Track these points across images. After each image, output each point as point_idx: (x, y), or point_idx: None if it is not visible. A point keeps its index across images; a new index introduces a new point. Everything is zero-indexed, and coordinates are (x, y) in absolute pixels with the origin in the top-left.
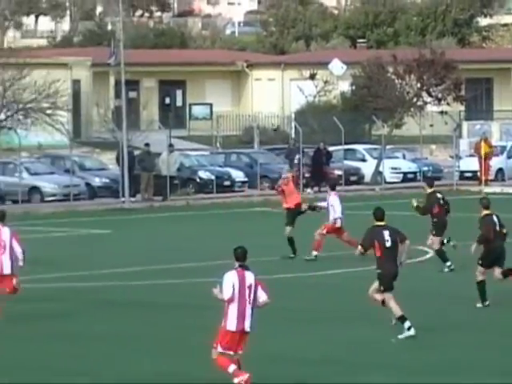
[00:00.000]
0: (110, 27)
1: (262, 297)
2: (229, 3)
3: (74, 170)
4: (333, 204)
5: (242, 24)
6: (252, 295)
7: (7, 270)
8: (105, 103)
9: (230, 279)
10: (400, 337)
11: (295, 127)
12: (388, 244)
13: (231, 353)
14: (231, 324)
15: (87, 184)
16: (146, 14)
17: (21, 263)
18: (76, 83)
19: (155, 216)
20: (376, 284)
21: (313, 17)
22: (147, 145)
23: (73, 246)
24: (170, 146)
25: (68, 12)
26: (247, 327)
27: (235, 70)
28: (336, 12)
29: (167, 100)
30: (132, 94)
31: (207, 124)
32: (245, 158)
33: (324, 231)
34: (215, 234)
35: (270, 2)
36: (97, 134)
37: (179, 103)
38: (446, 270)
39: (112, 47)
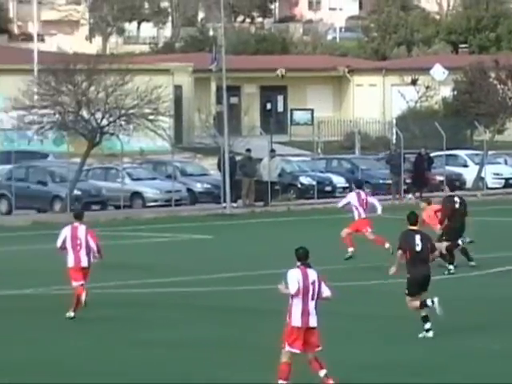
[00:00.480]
0: (211, 33)
1: (326, 292)
2: (330, 8)
3: (176, 176)
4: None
5: (343, 29)
6: (316, 291)
7: (84, 264)
8: (206, 109)
9: (295, 275)
10: (420, 336)
11: (396, 133)
12: (418, 248)
13: (297, 351)
14: (296, 320)
15: (189, 189)
16: (248, 20)
17: (96, 255)
18: (178, 89)
19: (256, 221)
20: (409, 299)
21: (414, 22)
22: (248, 150)
23: (174, 252)
24: (272, 151)
25: (170, 18)
26: (312, 323)
27: (336, 75)
28: (438, 17)
29: (268, 106)
30: (233, 100)
31: (308, 129)
32: (346, 163)
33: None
34: (316, 239)
35: (371, 7)
36: (198, 140)
37: (280, 109)
38: (446, 272)
39: (214, 53)
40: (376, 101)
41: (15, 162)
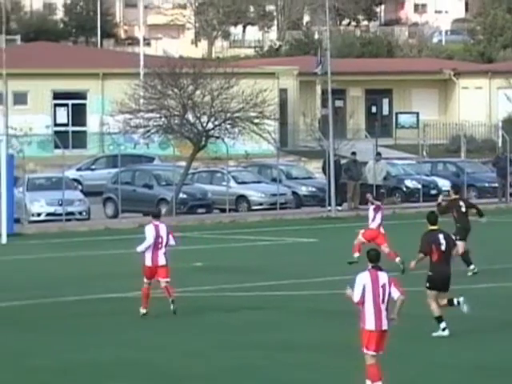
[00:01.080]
0: (316, 36)
1: (395, 294)
2: (436, 11)
3: (281, 179)
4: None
5: (449, 32)
6: (386, 294)
7: (162, 262)
8: (311, 112)
9: (362, 281)
10: (434, 334)
11: (502, 136)
12: (443, 247)
13: (373, 353)
14: (370, 324)
15: (294, 193)
16: (353, 23)
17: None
18: (283, 92)
19: (362, 225)
20: (430, 293)
21: None
22: (354, 153)
23: (279, 255)
24: (378, 154)
25: (275, 22)
26: (384, 325)
27: (442, 78)
28: None
29: (373, 109)
30: (338, 103)
31: (413, 133)
32: (451, 166)
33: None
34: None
35: (477, 9)
36: (303, 143)
37: (385, 112)
38: (470, 273)
39: (319, 56)
40: (482, 104)
41: (121, 166)
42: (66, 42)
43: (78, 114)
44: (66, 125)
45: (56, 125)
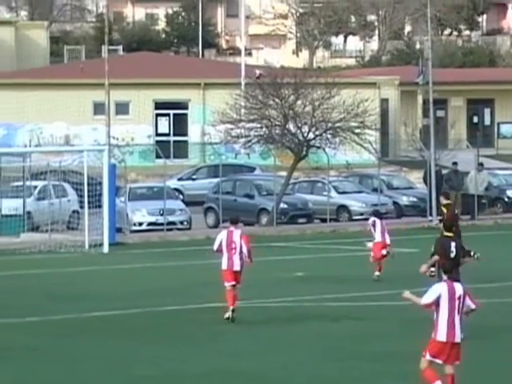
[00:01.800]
0: (418, 46)
1: (471, 306)
2: None
3: (382, 189)
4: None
5: None
6: (461, 306)
7: (237, 267)
8: (412, 122)
9: (438, 290)
10: None
11: None
12: (452, 255)
13: (440, 361)
14: (441, 334)
15: (395, 203)
16: (455, 33)
17: (248, 260)
18: (384, 102)
19: (463, 235)
20: None
21: None
22: (455, 163)
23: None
24: (480, 165)
25: (377, 32)
26: (457, 338)
27: None
28: None
29: (475, 119)
30: (440, 113)
31: None
32: None
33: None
34: None
35: None
36: (404, 153)
37: (487, 122)
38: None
39: (420, 66)
40: None
41: (222, 176)
42: (167, 52)
43: (180, 124)
44: (168, 135)
45: (157, 134)
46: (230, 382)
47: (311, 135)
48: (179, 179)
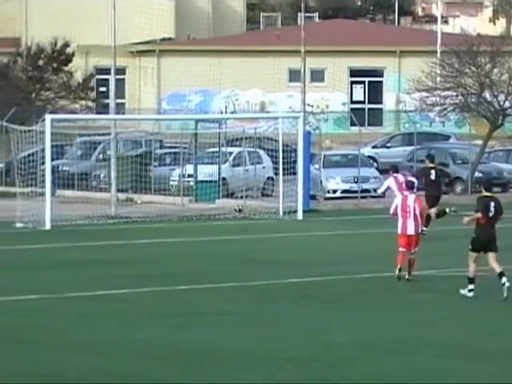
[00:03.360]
0: None
1: None
2: None
3: None
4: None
5: None
6: None
7: (411, 231)
8: None
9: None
10: (461, 292)
11: None
12: (491, 214)
13: None
14: None
15: None
16: None
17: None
18: None
19: None
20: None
21: None
22: None
23: None
24: None
25: None
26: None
27: None
28: None
29: None
30: None
31: None
32: None
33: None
34: None
35: None
36: None
37: None
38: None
39: None
40: None
41: (417, 144)
42: (363, 19)
43: (375, 92)
44: (363, 102)
45: (352, 102)
46: (424, 350)
47: (507, 104)
48: (373, 147)
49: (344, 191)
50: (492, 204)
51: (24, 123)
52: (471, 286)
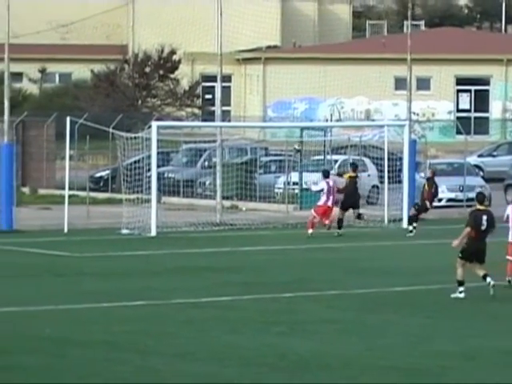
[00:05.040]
0: None
1: None
2: None
3: None
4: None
5: None
6: None
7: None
8: None
9: None
10: (452, 296)
11: None
12: (483, 228)
13: None
14: None
15: None
16: None
17: None
18: None
19: None
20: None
21: None
22: None
23: None
24: None
25: None
26: None
27: None
28: None
29: None
30: None
31: None
32: None
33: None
34: None
35: None
36: None
37: None
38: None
39: None
40: None
41: None
42: (469, 27)
43: (481, 100)
44: (469, 111)
45: (458, 110)
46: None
47: None
48: (479, 156)
49: (449, 200)
50: (484, 218)
51: (130, 130)
52: (461, 289)
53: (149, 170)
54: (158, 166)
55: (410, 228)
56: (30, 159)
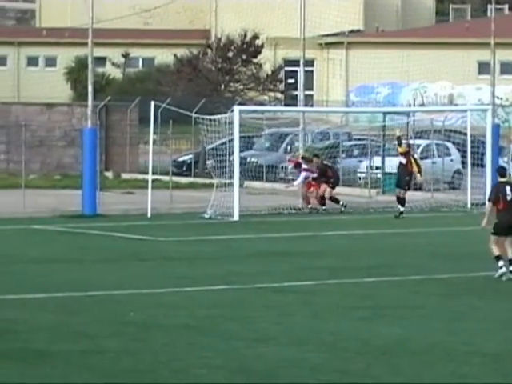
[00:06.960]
0: None
1: None
2: None
3: None
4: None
5: None
6: None
7: None
8: None
9: None
10: (495, 275)
11: None
12: (508, 198)
13: None
14: None
15: None
16: None
17: None
18: None
19: None
20: (493, 237)
21: None
22: None
23: None
24: None
25: None
26: None
27: None
28: None
29: None
30: None
31: None
32: None
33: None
34: None
35: None
36: None
37: None
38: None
39: None
40: None
41: None
42: None
43: None
44: None
45: None
46: None
47: None
48: None
49: None
50: (508, 188)
51: (213, 114)
52: (500, 263)
53: (231, 154)
54: (241, 151)
55: None
56: (113, 144)
